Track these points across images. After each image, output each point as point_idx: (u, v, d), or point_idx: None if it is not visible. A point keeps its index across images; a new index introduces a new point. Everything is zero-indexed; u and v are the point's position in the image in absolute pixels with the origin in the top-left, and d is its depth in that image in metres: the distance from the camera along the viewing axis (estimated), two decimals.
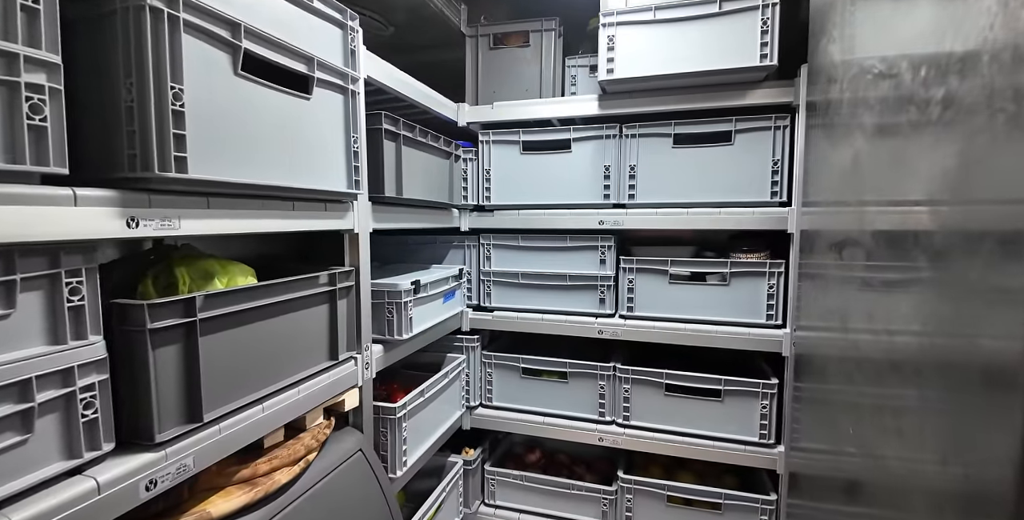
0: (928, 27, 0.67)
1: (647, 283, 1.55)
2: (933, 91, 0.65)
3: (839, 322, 1.03)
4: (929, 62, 0.65)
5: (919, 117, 0.68)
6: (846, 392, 1.00)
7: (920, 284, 0.67)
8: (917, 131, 0.69)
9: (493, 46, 1.75)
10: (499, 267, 1.68)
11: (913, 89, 0.70)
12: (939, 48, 0.63)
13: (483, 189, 1.66)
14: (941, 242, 0.61)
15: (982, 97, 0.53)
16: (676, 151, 1.50)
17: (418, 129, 1.29)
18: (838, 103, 1.05)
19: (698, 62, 1.34)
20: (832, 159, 1.11)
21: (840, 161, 1.05)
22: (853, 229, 0.96)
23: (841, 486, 1.01)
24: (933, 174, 0.64)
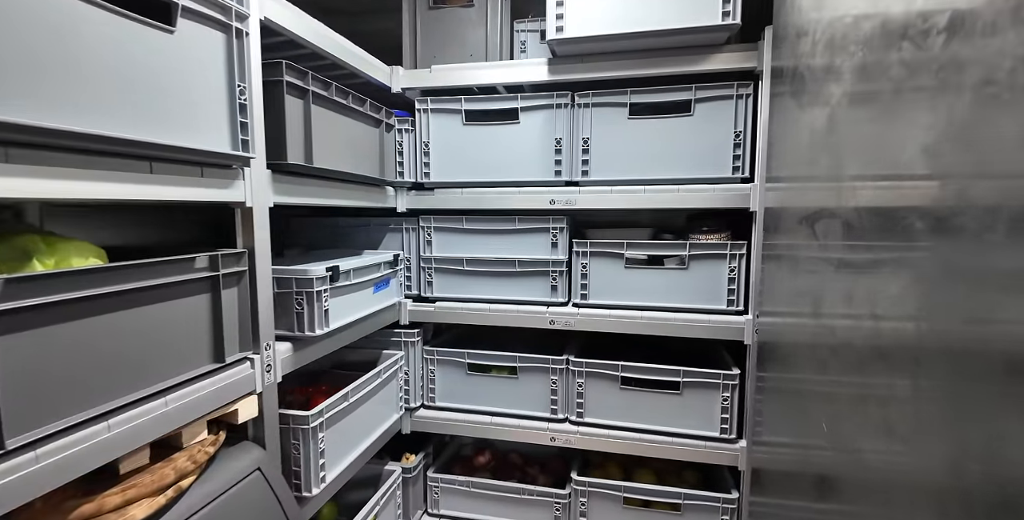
0: None
1: (602, 268, 1.43)
2: (936, 20, 0.53)
3: (810, 306, 0.93)
4: (919, 12, 0.53)
5: (917, 59, 0.56)
6: (818, 382, 0.90)
7: (915, 264, 0.56)
8: (914, 81, 0.57)
9: (433, 5, 1.57)
10: (441, 252, 1.52)
11: (908, 21, 0.58)
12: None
13: (421, 164, 1.49)
14: (944, 218, 0.50)
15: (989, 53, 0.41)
16: (632, 123, 1.37)
17: (335, 87, 1.11)
18: (809, 59, 0.94)
19: (655, 21, 1.21)
20: (802, 128, 1.00)
21: (812, 130, 0.94)
22: (829, 205, 0.85)
23: (811, 482, 0.91)
24: (934, 138, 0.52)
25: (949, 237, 0.49)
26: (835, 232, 0.82)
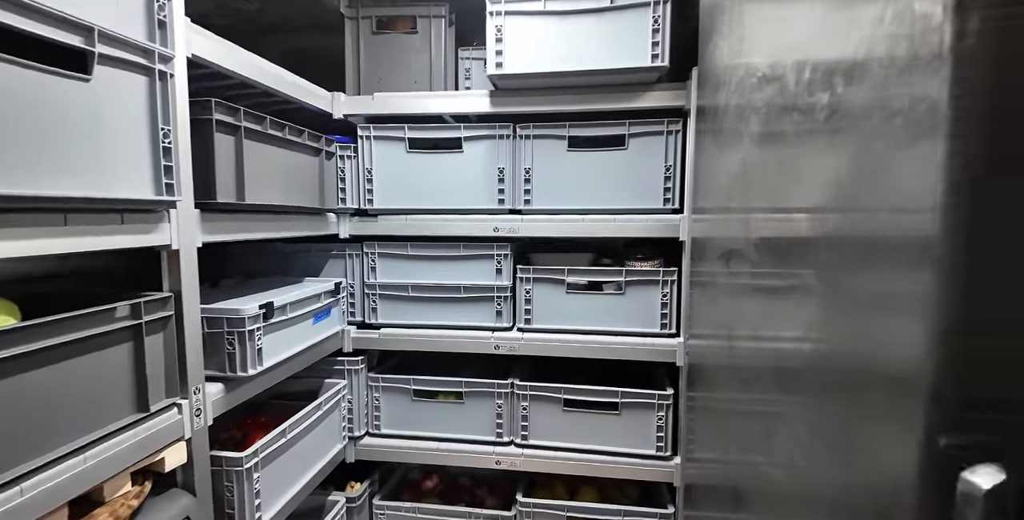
0: (816, 31, 0.62)
1: (545, 293, 1.48)
2: (819, 96, 0.60)
3: (726, 330, 1.01)
4: (815, 66, 0.61)
5: (805, 123, 0.64)
6: (732, 400, 0.98)
7: (808, 292, 0.63)
8: (803, 137, 0.65)
9: (376, 30, 1.58)
10: (386, 279, 1.52)
11: (798, 93, 0.66)
12: (826, 52, 0.58)
13: (364, 191, 1.49)
14: (830, 250, 0.57)
15: (871, 103, 0.48)
16: (571, 154, 1.43)
17: (269, 121, 1.10)
18: (725, 108, 1.02)
19: (590, 60, 1.28)
20: (720, 165, 1.08)
21: (727, 167, 1.02)
22: (740, 237, 0.93)
23: (729, 495, 0.99)
24: (822, 181, 0.60)
25: (831, 266, 0.57)
26: (742, 261, 0.91)
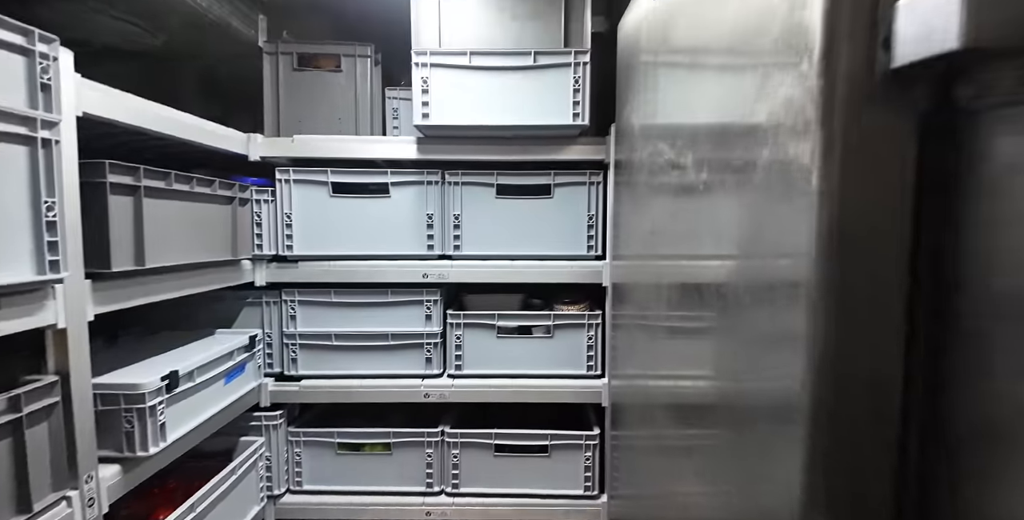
0: (710, 99, 0.69)
1: (475, 338, 1.49)
2: (711, 156, 0.68)
3: (643, 371, 1.08)
4: (711, 129, 0.68)
5: (700, 179, 0.72)
6: (649, 437, 1.05)
7: (710, 333, 0.70)
8: (699, 192, 0.73)
9: (298, 67, 1.54)
10: (308, 327, 1.47)
11: (695, 153, 0.74)
12: (720, 117, 0.65)
13: (283, 236, 1.44)
14: (727, 294, 0.64)
15: (757, 164, 0.55)
16: (500, 201, 1.47)
17: (174, 176, 1.04)
18: (638, 163, 1.10)
19: (514, 115, 1.32)
20: (634, 215, 1.16)
21: (640, 218, 1.10)
22: (651, 282, 1.01)
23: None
24: (716, 232, 0.68)
25: (728, 307, 0.63)
26: (654, 305, 0.98)
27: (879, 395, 0.46)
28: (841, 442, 0.45)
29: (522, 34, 1.34)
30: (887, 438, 0.46)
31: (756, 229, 0.56)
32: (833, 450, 0.46)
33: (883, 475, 0.46)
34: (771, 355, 0.52)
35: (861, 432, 0.46)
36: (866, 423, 0.46)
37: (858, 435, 0.46)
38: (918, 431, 0.46)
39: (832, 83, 0.44)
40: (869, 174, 0.45)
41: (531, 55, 1.29)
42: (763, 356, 0.54)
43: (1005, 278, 0.40)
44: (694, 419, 0.76)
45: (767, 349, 0.53)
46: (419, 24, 1.34)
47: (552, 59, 1.30)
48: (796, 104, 0.47)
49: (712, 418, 0.68)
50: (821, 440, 0.46)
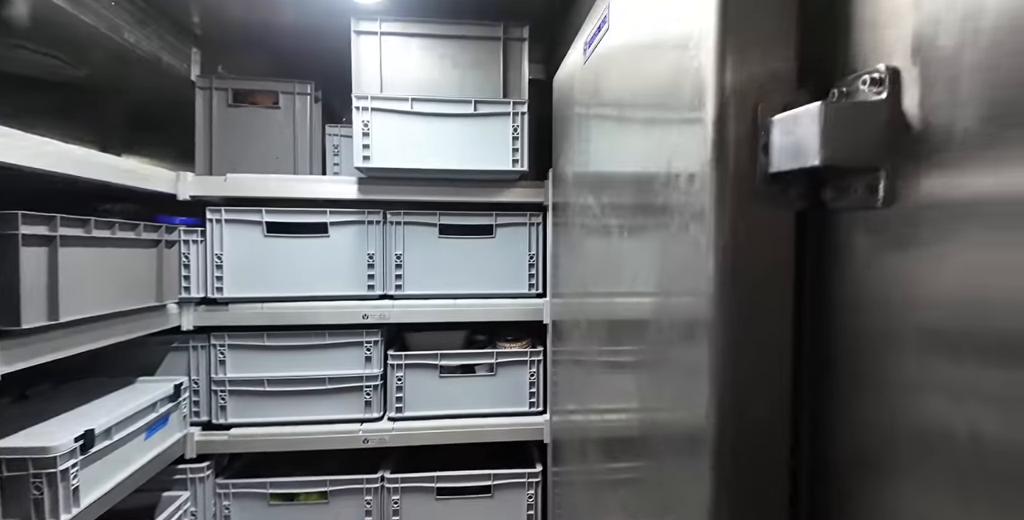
0: (633, 151, 0.77)
1: (418, 378, 1.50)
2: (633, 200, 0.76)
3: (578, 405, 1.13)
4: (635, 177, 0.75)
5: (621, 221, 0.81)
6: (582, 472, 1.09)
7: (631, 367, 0.76)
8: (622, 233, 0.81)
9: (233, 103, 1.52)
10: (238, 373, 1.42)
11: (619, 198, 0.82)
12: (639, 169, 0.73)
13: (213, 278, 1.39)
14: (641, 329, 0.71)
15: (667, 208, 0.62)
16: (442, 241, 1.50)
17: (94, 222, 1.00)
18: (572, 208, 1.17)
19: (456, 160, 1.37)
20: (569, 256, 1.23)
21: (574, 258, 1.18)
22: (584, 318, 1.08)
23: None
24: (637, 271, 0.75)
25: (647, 342, 0.69)
26: (588, 340, 1.04)
27: (773, 428, 0.53)
28: (741, 473, 0.52)
29: (463, 81, 1.40)
30: (780, 470, 0.53)
31: (666, 271, 0.63)
32: (733, 481, 0.52)
33: (779, 503, 0.53)
34: (681, 389, 0.59)
35: (758, 464, 0.52)
36: (762, 454, 0.52)
37: (756, 466, 0.52)
38: (808, 460, 0.53)
39: (723, 179, 0.52)
40: (755, 257, 0.52)
41: (471, 103, 1.36)
42: (675, 390, 0.61)
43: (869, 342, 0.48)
44: (619, 453, 0.81)
45: (678, 383, 0.60)
46: (360, 68, 1.37)
47: (492, 108, 1.37)
48: (696, 185, 0.55)
49: (634, 451, 0.74)
50: (723, 472, 0.52)
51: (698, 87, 0.54)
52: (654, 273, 0.67)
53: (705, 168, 0.53)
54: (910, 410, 0.43)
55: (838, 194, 0.50)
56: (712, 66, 0.52)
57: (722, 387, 0.52)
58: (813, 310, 0.54)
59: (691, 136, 0.56)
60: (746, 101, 0.52)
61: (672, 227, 0.61)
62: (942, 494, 0.40)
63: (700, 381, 0.54)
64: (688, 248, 0.57)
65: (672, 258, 0.62)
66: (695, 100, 0.55)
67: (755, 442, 0.52)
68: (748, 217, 0.52)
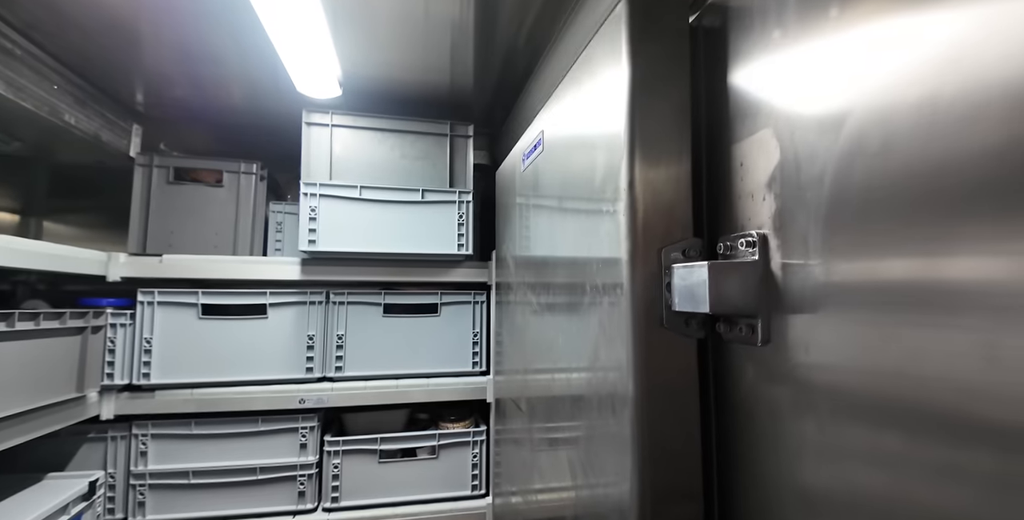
0: (565, 236, 0.87)
1: (356, 465, 1.48)
2: (564, 282, 0.85)
3: (519, 485, 1.17)
4: (571, 261, 0.85)
5: (554, 302, 0.91)
6: None
7: (568, 443, 0.83)
8: (555, 313, 0.90)
9: (174, 180, 1.54)
10: (160, 465, 1.35)
11: (552, 280, 0.92)
12: (566, 253, 0.84)
13: (140, 363, 1.36)
14: (580, 404, 0.78)
15: (583, 289, 0.72)
16: (386, 320, 1.54)
17: (17, 315, 0.98)
18: (513, 287, 1.27)
19: (403, 244, 1.45)
20: (511, 332, 1.31)
21: (514, 335, 1.25)
22: (524, 396, 1.14)
23: None
24: (566, 347, 0.84)
25: (583, 417, 0.75)
26: (527, 417, 1.10)
27: (687, 499, 0.61)
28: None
29: (411, 170, 1.51)
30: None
31: (600, 346, 0.72)
32: None
33: None
34: (609, 462, 0.68)
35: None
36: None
37: None
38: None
39: (636, 308, 0.63)
40: (664, 371, 0.63)
41: (419, 191, 1.46)
42: (604, 463, 0.69)
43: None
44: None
45: (614, 456, 0.68)
46: (310, 156, 1.45)
47: (439, 196, 1.47)
48: (617, 307, 0.66)
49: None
50: None
51: (615, 235, 0.66)
52: (585, 354, 0.77)
53: (623, 298, 0.64)
54: (792, 476, 0.53)
55: (728, 330, 0.62)
56: (625, 223, 0.64)
57: (641, 459, 0.61)
58: (717, 403, 0.65)
59: (612, 271, 0.67)
60: (651, 245, 0.64)
61: (599, 313, 0.72)
62: None
63: (624, 454, 0.63)
64: (614, 341, 0.67)
65: (599, 344, 0.72)
66: (614, 245, 0.67)
67: (671, 512, 0.61)
68: (657, 338, 0.63)
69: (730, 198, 0.64)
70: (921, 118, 0.40)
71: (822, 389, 0.50)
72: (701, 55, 0.69)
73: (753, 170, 0.60)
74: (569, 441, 0.84)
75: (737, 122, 0.63)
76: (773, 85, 0.57)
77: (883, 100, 0.44)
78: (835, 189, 0.48)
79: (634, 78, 0.64)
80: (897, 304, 0.42)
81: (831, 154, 0.49)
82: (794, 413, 0.53)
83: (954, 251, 0.38)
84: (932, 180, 0.39)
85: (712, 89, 0.67)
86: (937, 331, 0.39)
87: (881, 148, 0.44)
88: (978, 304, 0.36)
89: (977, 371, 0.36)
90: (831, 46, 0.49)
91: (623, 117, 0.65)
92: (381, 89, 1.45)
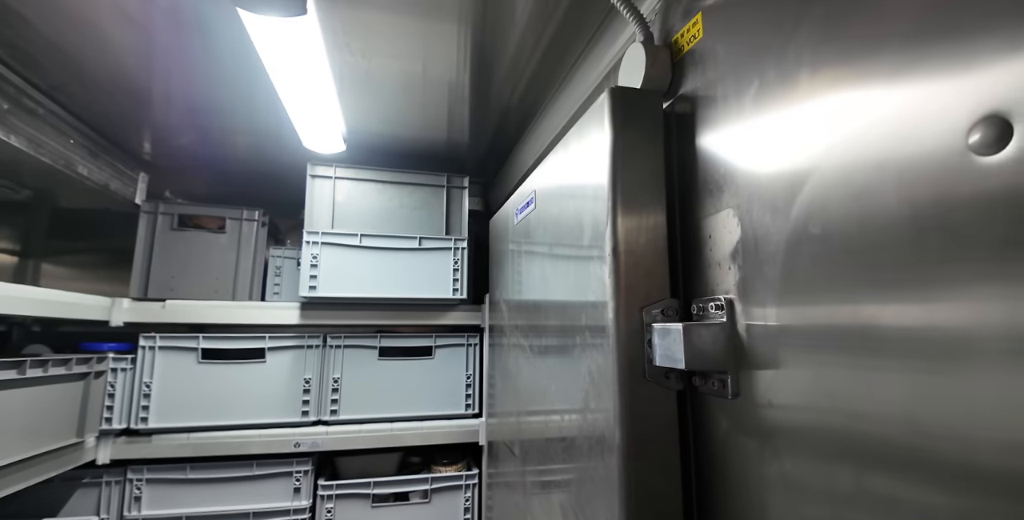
0: (548, 281, 0.95)
1: (349, 509, 1.50)
2: (552, 324, 0.92)
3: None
4: (556, 304, 0.92)
5: (543, 345, 0.96)
6: None
7: (559, 485, 0.87)
8: (545, 356, 0.97)
9: (177, 227, 1.62)
10: (154, 510, 1.37)
11: (541, 322, 0.98)
12: (559, 296, 0.91)
13: (138, 408, 1.39)
14: (571, 447, 0.83)
15: (572, 333, 0.79)
16: (382, 362, 1.60)
17: (28, 363, 1.04)
18: (506, 330, 1.33)
19: (401, 290, 1.52)
20: (503, 375, 1.37)
21: (507, 378, 1.31)
22: (516, 438, 1.19)
23: None
24: (557, 390, 0.89)
25: (573, 460, 0.80)
26: (520, 460, 1.14)
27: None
28: None
29: (409, 219, 1.61)
30: None
31: (585, 388, 0.79)
32: None
33: None
34: (600, 506, 0.73)
35: None
36: None
37: None
38: None
39: (622, 362, 0.71)
40: (647, 419, 0.70)
41: (417, 239, 1.55)
42: (595, 508, 0.75)
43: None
44: None
45: (598, 499, 0.74)
46: (313, 207, 1.54)
47: (435, 243, 1.56)
48: (600, 368, 0.73)
49: None
50: None
51: (602, 294, 0.75)
52: (576, 399, 0.84)
53: (610, 353, 0.72)
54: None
55: (703, 383, 0.70)
56: (610, 285, 0.73)
57: (627, 501, 0.68)
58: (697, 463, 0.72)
59: (599, 326, 0.76)
60: (633, 304, 0.72)
61: (588, 361, 0.80)
62: None
63: (612, 497, 0.69)
64: (601, 391, 0.75)
65: (588, 392, 0.79)
66: (601, 307, 0.75)
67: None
68: (640, 390, 0.71)
69: (701, 265, 0.73)
70: (851, 202, 0.50)
71: (784, 433, 0.58)
72: (674, 137, 0.80)
73: (720, 243, 0.69)
74: (560, 484, 0.90)
75: (706, 198, 0.73)
76: (733, 168, 0.67)
77: (823, 190, 0.54)
78: (786, 268, 0.58)
79: (615, 156, 0.75)
80: (833, 351, 0.51)
81: (783, 235, 0.59)
82: (760, 458, 0.61)
83: (879, 315, 0.47)
84: (862, 256, 0.49)
85: (684, 167, 0.78)
86: (868, 372, 0.47)
87: (822, 233, 0.53)
88: (899, 347, 0.45)
89: (899, 404, 0.45)
90: (780, 134, 0.60)
91: (606, 181, 0.75)
92: (382, 144, 1.56)
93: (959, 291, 0.41)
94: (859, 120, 0.50)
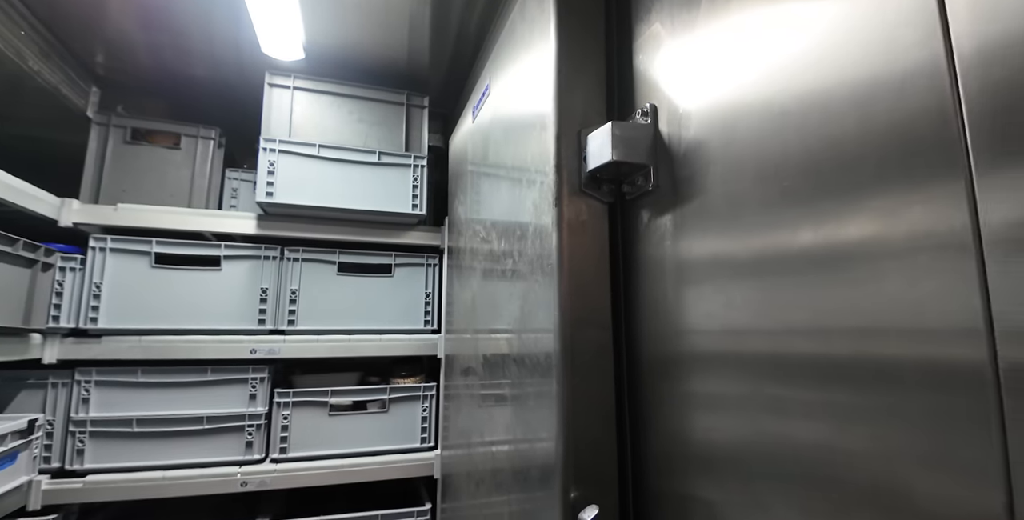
0: (504, 205, 1.03)
1: (305, 417, 1.54)
2: (507, 249, 0.99)
3: (465, 439, 1.27)
4: (508, 227, 1.00)
5: (499, 267, 1.03)
6: (470, 507, 1.20)
7: (506, 399, 0.94)
8: (500, 278, 1.03)
9: (130, 140, 1.63)
10: (103, 412, 1.38)
11: (498, 246, 1.05)
12: (510, 218, 0.98)
13: (87, 308, 1.40)
14: (516, 363, 0.90)
15: (531, 258, 0.86)
16: (340, 278, 1.65)
17: None
18: (463, 250, 1.42)
19: (359, 201, 1.58)
20: (460, 294, 1.45)
21: (464, 296, 1.39)
22: (471, 353, 1.26)
23: None
24: (509, 311, 0.96)
25: (517, 376, 0.88)
26: (474, 375, 1.22)
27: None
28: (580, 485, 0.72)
29: (368, 135, 1.67)
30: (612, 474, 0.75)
31: (534, 310, 0.87)
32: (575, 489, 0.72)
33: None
34: (540, 416, 0.81)
35: (597, 479, 0.74)
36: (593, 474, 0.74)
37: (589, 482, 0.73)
38: (632, 463, 0.76)
39: (560, 181, 0.80)
40: (582, 235, 0.80)
41: (376, 154, 1.62)
42: (536, 418, 0.82)
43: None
44: (506, 483, 0.96)
45: (537, 411, 0.81)
46: (271, 116, 1.59)
47: (395, 159, 1.64)
48: (544, 194, 0.83)
49: (513, 482, 0.91)
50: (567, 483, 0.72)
51: (544, 121, 0.85)
52: (519, 308, 0.92)
53: (550, 173, 0.82)
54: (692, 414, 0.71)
55: (631, 187, 0.81)
56: (553, 112, 0.83)
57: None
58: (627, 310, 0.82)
59: (542, 152, 0.85)
60: (573, 127, 0.82)
61: (530, 259, 0.88)
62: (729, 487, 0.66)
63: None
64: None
65: (529, 289, 0.88)
66: (543, 132, 0.85)
67: (590, 458, 0.74)
68: (578, 204, 0.81)
69: (635, 86, 0.84)
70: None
71: (691, 212, 0.68)
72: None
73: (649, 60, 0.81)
74: (507, 397, 0.96)
75: (638, 24, 0.84)
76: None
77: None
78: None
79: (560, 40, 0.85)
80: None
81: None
82: (675, 247, 0.72)
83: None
84: None
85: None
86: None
87: None
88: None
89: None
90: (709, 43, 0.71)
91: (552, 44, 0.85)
92: (342, 57, 1.62)
93: None
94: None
